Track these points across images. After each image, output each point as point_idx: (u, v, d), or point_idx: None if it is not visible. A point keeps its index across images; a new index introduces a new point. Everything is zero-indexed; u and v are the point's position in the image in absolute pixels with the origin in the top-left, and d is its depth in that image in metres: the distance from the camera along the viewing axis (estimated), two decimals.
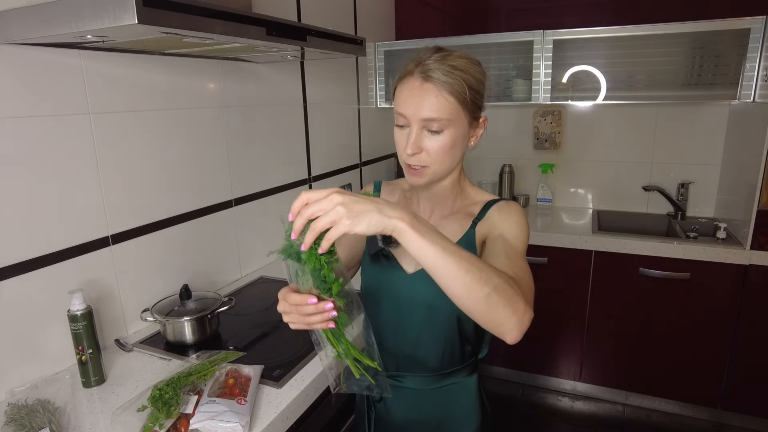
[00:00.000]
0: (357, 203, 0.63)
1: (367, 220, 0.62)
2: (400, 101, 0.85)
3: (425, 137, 0.84)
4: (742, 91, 2.01)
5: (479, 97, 0.86)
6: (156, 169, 1.39)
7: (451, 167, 0.89)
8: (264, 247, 1.86)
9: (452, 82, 0.81)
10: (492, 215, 0.91)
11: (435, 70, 0.81)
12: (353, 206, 0.62)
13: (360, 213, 0.62)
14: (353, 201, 0.63)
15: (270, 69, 1.79)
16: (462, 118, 0.84)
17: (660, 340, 2.24)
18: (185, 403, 0.94)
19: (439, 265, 0.65)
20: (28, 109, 1.06)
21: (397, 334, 0.97)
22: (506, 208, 0.91)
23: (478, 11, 2.63)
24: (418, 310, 0.93)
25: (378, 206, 0.64)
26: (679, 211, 2.53)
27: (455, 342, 0.95)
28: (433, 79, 0.81)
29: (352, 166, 2.45)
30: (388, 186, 1.07)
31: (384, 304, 0.97)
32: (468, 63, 0.84)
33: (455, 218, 0.94)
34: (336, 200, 0.62)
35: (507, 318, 0.67)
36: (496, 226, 0.89)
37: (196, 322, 1.26)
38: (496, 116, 2.88)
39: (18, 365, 1.08)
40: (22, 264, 1.07)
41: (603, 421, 2.34)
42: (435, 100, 0.81)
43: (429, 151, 0.84)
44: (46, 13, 0.88)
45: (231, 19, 0.98)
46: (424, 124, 0.83)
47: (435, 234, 0.66)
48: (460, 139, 0.86)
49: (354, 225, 0.62)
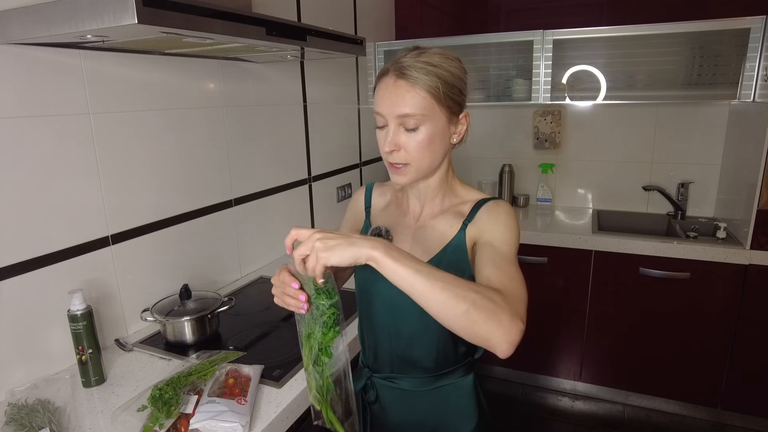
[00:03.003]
0: (331, 239, 0.70)
1: (339, 253, 0.68)
2: (376, 100, 0.86)
3: (402, 134, 0.84)
4: (742, 91, 2.01)
5: (456, 93, 0.85)
6: (156, 169, 1.39)
7: (432, 164, 0.88)
8: (264, 247, 1.86)
9: (425, 78, 0.81)
10: (482, 217, 0.90)
11: (408, 67, 0.82)
12: (328, 242, 0.69)
13: (333, 247, 0.69)
14: (328, 237, 0.70)
15: (270, 69, 1.79)
16: (438, 113, 0.84)
17: (660, 340, 2.24)
18: (185, 403, 0.94)
19: (415, 286, 0.68)
20: (28, 109, 1.06)
21: (390, 335, 0.97)
22: (495, 209, 0.90)
23: (477, 11, 2.63)
24: (410, 313, 0.92)
25: (351, 240, 0.70)
26: (679, 211, 2.53)
27: (448, 343, 0.95)
28: (405, 75, 0.82)
29: (352, 166, 2.45)
30: (380, 187, 1.08)
31: (377, 305, 0.97)
32: (443, 58, 0.84)
33: (445, 218, 0.94)
34: (314, 238, 0.70)
35: (491, 332, 0.67)
36: (485, 230, 0.88)
37: (196, 322, 1.26)
38: (496, 116, 2.88)
39: (18, 365, 1.08)
40: (22, 264, 1.07)
41: (603, 421, 2.34)
42: (408, 96, 0.82)
43: (407, 148, 0.85)
44: (46, 13, 0.88)
45: (231, 19, 0.98)
46: (400, 121, 0.83)
47: (408, 259, 0.70)
48: (439, 136, 0.86)
49: (328, 257, 0.69)
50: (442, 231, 0.92)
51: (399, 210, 1.01)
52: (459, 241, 0.90)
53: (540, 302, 2.30)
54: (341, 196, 2.36)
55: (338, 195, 2.34)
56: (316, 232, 0.71)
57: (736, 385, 2.16)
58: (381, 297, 0.96)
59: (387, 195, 1.06)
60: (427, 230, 0.94)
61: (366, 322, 1.02)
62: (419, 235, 0.95)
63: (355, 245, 0.69)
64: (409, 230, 0.97)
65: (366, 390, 1.03)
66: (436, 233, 0.93)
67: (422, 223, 0.96)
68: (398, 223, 0.99)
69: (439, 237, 0.92)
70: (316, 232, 0.71)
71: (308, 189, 2.11)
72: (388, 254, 0.68)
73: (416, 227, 0.96)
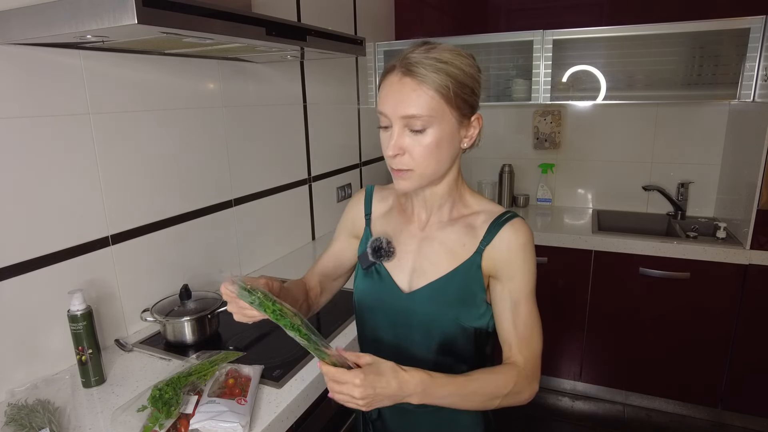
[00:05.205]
0: (377, 400, 0.71)
1: (376, 405, 0.72)
2: (380, 98, 0.80)
3: (407, 137, 0.78)
4: (742, 91, 2.00)
5: (468, 93, 0.79)
6: (155, 169, 1.39)
7: (438, 170, 0.82)
8: (264, 247, 1.87)
9: (434, 75, 0.75)
10: (501, 246, 0.84)
11: (416, 63, 0.75)
12: (373, 402, 0.71)
13: (373, 404, 0.72)
14: (369, 396, 0.70)
15: (270, 69, 1.79)
16: (447, 115, 0.77)
17: (660, 340, 2.24)
18: (185, 403, 0.94)
19: (452, 406, 0.79)
20: (28, 109, 1.06)
21: (393, 351, 0.92)
22: (516, 241, 0.84)
23: (478, 11, 2.63)
24: (415, 330, 0.89)
25: (392, 397, 0.72)
26: (679, 211, 2.53)
27: (452, 363, 0.90)
28: (413, 72, 0.75)
29: (352, 166, 2.45)
30: (381, 191, 1.00)
31: (380, 321, 0.93)
32: (454, 55, 0.77)
33: (454, 230, 0.88)
34: (357, 395, 0.70)
35: (513, 405, 0.82)
36: (505, 268, 0.84)
37: (196, 322, 1.26)
38: (496, 116, 2.88)
39: (18, 365, 1.08)
40: (22, 264, 1.07)
41: (603, 420, 2.34)
42: (414, 95, 0.75)
43: (412, 152, 0.78)
44: (46, 13, 0.88)
45: (231, 19, 0.98)
46: (406, 123, 0.77)
47: (442, 392, 0.76)
48: (447, 140, 0.79)
49: (369, 409, 0.72)
50: (451, 247, 0.87)
51: (402, 216, 0.94)
52: (473, 265, 0.85)
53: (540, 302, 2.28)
54: (341, 196, 2.36)
55: (338, 195, 2.35)
56: (359, 387, 0.69)
57: (736, 385, 2.16)
58: (383, 315, 0.92)
59: (389, 200, 0.98)
60: (435, 243, 0.89)
61: (366, 338, 0.98)
62: (426, 248, 0.89)
63: (396, 399, 0.73)
64: (414, 240, 0.91)
65: None
66: (444, 248, 0.88)
67: (429, 233, 0.90)
68: (402, 231, 0.93)
69: (448, 253, 0.87)
70: (359, 387, 0.69)
71: (308, 189, 2.11)
72: (426, 398, 0.74)
73: (422, 237, 0.90)
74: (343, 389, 0.70)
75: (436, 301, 0.87)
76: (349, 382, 0.69)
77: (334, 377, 0.71)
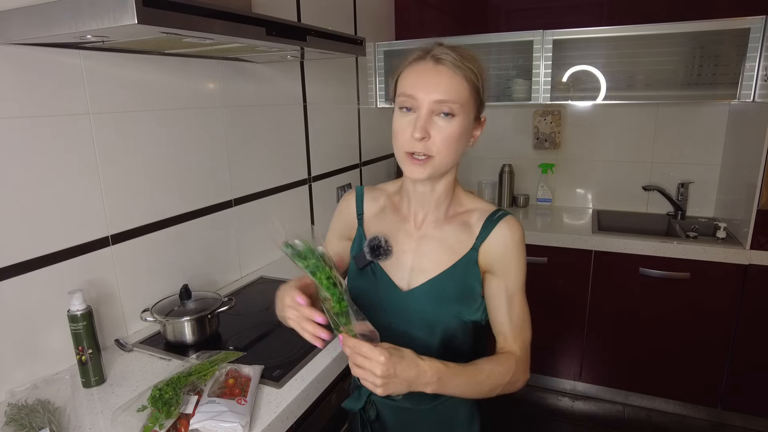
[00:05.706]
0: (394, 383, 0.73)
1: (393, 389, 0.73)
2: (409, 83, 0.81)
3: (434, 122, 0.80)
4: (742, 91, 2.01)
5: (483, 93, 0.84)
6: (155, 169, 1.39)
7: (451, 163, 0.85)
8: (264, 247, 1.86)
9: (464, 68, 0.80)
10: (495, 243, 0.87)
11: (446, 55, 0.80)
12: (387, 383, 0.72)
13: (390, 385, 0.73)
14: (392, 378, 0.72)
15: (270, 69, 1.79)
16: (470, 108, 0.82)
17: (660, 340, 2.24)
18: (185, 403, 0.94)
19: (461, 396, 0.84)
20: (28, 109, 1.06)
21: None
22: (511, 238, 0.87)
23: (478, 11, 2.63)
24: (416, 327, 0.90)
25: (410, 383, 0.74)
26: (679, 211, 2.53)
27: (451, 356, 0.88)
28: (448, 62, 0.80)
29: (352, 166, 2.45)
30: (371, 192, 1.01)
31: (376, 320, 0.91)
32: (475, 56, 0.84)
33: (451, 228, 0.90)
34: (379, 372, 0.71)
35: (509, 392, 0.87)
36: (499, 264, 0.88)
37: (196, 322, 1.26)
38: (496, 116, 2.87)
39: (18, 365, 1.08)
40: (22, 264, 1.07)
41: (603, 421, 2.34)
42: (450, 81, 0.79)
43: (436, 138, 0.80)
44: (46, 13, 0.88)
45: (231, 19, 0.98)
46: (435, 107, 0.79)
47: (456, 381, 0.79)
48: (465, 134, 0.83)
49: (384, 392, 0.73)
50: (449, 244, 0.89)
51: (397, 216, 0.95)
52: (470, 260, 0.88)
53: (540, 302, 2.30)
54: (341, 196, 2.36)
55: (338, 195, 2.35)
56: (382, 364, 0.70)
57: (736, 385, 2.16)
58: (381, 312, 0.91)
59: (380, 200, 0.99)
60: (433, 241, 0.91)
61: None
62: (424, 246, 0.91)
63: (412, 386, 0.74)
64: (411, 239, 0.92)
65: (366, 408, 1.00)
66: (443, 245, 0.90)
67: (425, 231, 0.92)
68: (398, 230, 0.94)
69: (447, 250, 0.89)
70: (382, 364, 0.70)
71: (308, 189, 2.11)
72: (440, 388, 0.77)
73: (419, 236, 0.92)
74: (365, 364, 0.71)
75: (436, 297, 0.89)
76: (374, 359, 0.71)
77: (361, 351, 0.72)
